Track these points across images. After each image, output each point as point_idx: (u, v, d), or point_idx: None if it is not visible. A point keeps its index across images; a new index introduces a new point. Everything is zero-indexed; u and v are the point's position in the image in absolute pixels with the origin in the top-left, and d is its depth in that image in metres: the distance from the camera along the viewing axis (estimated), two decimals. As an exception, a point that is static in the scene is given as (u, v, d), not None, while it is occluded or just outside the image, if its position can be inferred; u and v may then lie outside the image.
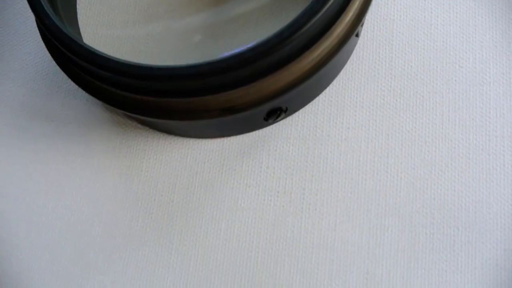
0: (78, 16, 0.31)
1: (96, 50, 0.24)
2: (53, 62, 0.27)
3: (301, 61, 0.24)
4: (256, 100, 0.25)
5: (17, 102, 0.30)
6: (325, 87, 0.29)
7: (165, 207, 0.28)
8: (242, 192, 0.27)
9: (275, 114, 0.28)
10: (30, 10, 0.25)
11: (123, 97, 0.25)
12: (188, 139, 0.29)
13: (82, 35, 0.30)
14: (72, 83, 0.26)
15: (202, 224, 0.27)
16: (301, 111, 0.28)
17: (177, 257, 0.27)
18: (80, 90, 0.29)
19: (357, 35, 0.27)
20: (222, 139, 0.29)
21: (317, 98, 0.28)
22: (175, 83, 0.24)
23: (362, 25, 0.27)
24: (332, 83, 0.29)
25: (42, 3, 0.25)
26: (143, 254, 0.27)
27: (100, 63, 0.24)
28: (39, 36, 0.28)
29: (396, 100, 0.28)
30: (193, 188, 0.28)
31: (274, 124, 0.28)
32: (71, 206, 0.28)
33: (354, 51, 0.29)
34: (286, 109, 0.28)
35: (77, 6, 0.31)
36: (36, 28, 0.28)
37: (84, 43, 0.25)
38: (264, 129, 0.29)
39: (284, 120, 0.28)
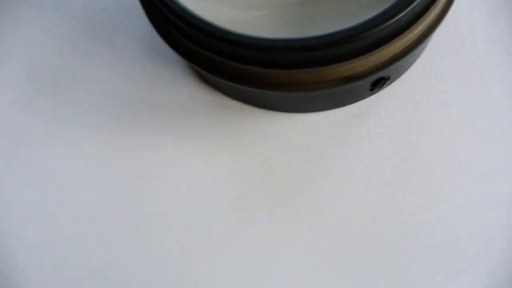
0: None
1: (216, 24, 0.25)
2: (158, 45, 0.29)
3: (417, 27, 0.26)
4: (372, 68, 0.27)
5: (123, 91, 0.31)
6: (420, 54, 0.31)
7: (285, 180, 0.29)
8: (355, 159, 0.29)
9: (380, 83, 0.29)
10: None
11: (242, 72, 0.26)
12: (293, 114, 0.30)
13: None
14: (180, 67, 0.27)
15: (322, 192, 0.29)
16: (399, 79, 0.30)
17: (305, 226, 0.28)
18: (186, 75, 0.30)
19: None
20: (327, 112, 0.30)
21: (413, 65, 0.30)
22: (304, 55, 0.25)
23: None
24: (425, 49, 0.31)
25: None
26: (271, 227, 0.28)
27: (225, 37, 0.25)
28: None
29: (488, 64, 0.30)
30: (308, 160, 0.29)
31: (375, 94, 0.30)
32: (192, 187, 0.29)
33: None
34: (389, 77, 0.30)
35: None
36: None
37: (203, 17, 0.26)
38: (366, 100, 0.30)
39: (384, 90, 0.30)
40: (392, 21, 0.25)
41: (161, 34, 0.28)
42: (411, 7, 0.25)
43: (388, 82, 0.30)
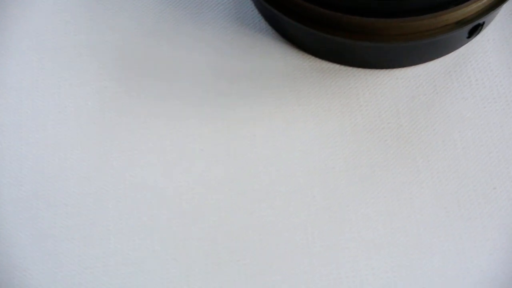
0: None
1: None
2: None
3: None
4: (481, 11, 0.27)
5: (217, 65, 0.31)
6: None
7: (396, 132, 0.29)
8: (461, 105, 0.30)
9: (476, 30, 0.30)
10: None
11: (356, 25, 0.27)
12: (393, 70, 0.31)
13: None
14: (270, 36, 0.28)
15: (437, 139, 0.29)
16: (490, 25, 0.31)
17: (425, 173, 0.29)
18: (278, 43, 0.31)
19: None
20: (425, 65, 0.31)
21: (501, 10, 0.31)
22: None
23: None
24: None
25: None
26: (392, 177, 0.29)
27: None
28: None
29: None
30: (416, 110, 0.30)
31: (469, 43, 0.31)
32: (305, 152, 0.29)
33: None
34: (483, 23, 0.30)
35: None
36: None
37: None
38: (460, 49, 0.31)
39: (477, 37, 0.31)
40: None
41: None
42: None
43: (482, 28, 0.31)
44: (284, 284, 0.27)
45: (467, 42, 0.31)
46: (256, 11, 0.32)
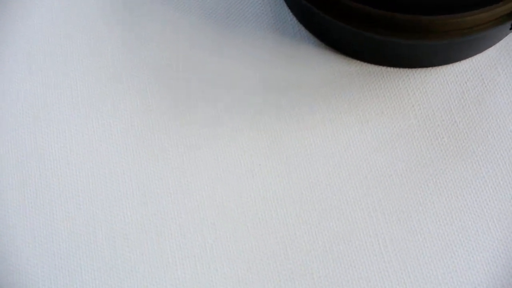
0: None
1: None
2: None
3: None
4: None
5: (262, 77, 0.31)
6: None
7: (452, 129, 0.29)
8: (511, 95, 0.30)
9: (519, 20, 0.30)
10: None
11: (408, 23, 0.26)
12: (438, 68, 0.31)
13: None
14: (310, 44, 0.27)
15: (493, 132, 0.29)
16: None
17: (486, 167, 0.29)
18: (320, 50, 0.30)
19: None
20: (465, 61, 0.31)
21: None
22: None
23: None
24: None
25: None
26: (455, 175, 0.29)
27: None
28: None
29: None
30: (468, 106, 0.30)
31: (509, 34, 0.31)
32: (365, 156, 0.29)
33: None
34: (524, 14, 0.31)
35: None
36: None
37: None
38: (501, 41, 0.31)
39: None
40: None
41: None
42: None
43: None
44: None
45: (508, 33, 0.31)
46: (294, 20, 0.32)
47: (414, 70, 0.31)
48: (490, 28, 0.27)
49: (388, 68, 0.31)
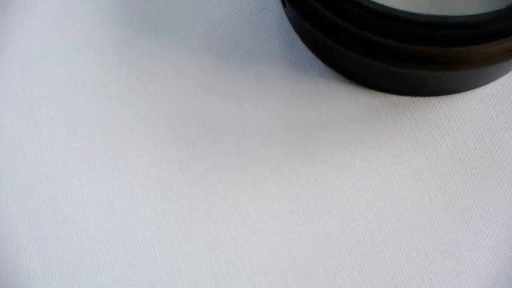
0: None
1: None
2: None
3: None
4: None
5: (285, 115, 0.30)
6: None
7: (486, 156, 0.28)
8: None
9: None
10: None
11: (430, 55, 0.25)
12: (463, 93, 0.30)
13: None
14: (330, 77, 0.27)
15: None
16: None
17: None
18: (341, 83, 0.29)
19: None
20: (489, 85, 0.30)
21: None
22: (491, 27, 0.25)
23: None
24: None
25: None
26: (494, 203, 0.28)
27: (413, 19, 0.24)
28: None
29: None
30: (499, 130, 0.29)
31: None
32: (400, 191, 0.28)
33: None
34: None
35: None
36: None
37: None
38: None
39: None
40: None
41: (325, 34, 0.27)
42: None
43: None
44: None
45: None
46: (310, 54, 0.31)
47: (439, 97, 0.30)
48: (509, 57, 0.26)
49: (413, 98, 0.30)
